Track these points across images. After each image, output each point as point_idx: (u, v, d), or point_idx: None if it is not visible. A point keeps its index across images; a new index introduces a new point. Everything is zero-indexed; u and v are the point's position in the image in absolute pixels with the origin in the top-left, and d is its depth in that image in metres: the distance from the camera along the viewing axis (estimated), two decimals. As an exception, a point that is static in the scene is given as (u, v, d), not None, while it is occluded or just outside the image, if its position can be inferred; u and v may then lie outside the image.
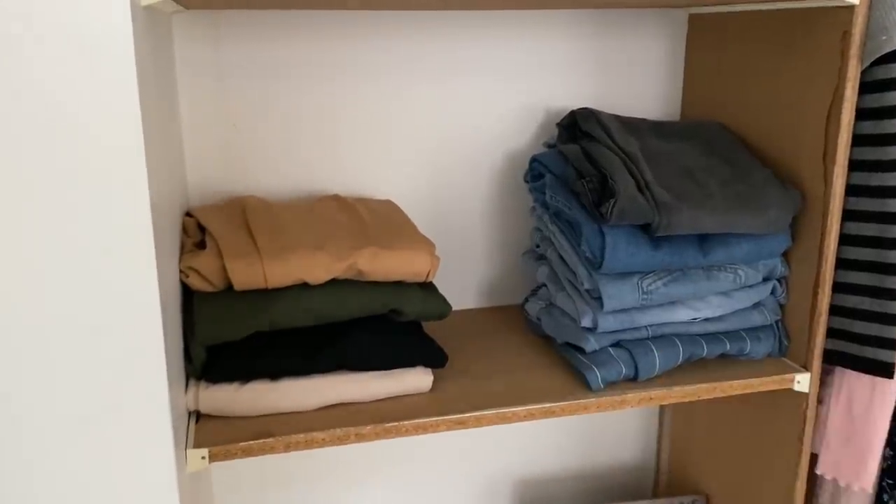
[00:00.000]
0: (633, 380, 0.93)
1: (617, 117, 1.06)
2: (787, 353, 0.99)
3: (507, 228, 1.19)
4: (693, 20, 1.15)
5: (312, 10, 1.02)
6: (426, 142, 1.12)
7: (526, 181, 1.09)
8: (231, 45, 1.01)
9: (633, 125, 1.06)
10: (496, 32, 1.10)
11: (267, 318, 0.81)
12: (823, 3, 0.87)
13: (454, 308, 1.19)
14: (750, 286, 0.97)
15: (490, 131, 1.14)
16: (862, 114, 0.89)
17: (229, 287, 0.83)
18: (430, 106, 1.11)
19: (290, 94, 1.05)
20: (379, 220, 0.97)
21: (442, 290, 1.17)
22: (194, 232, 0.92)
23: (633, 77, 1.17)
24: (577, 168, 0.97)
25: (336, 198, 1.04)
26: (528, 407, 0.87)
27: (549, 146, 1.11)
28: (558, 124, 1.09)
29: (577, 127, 1.05)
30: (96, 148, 0.61)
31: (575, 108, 1.14)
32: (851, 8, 0.85)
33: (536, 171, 1.07)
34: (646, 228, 0.91)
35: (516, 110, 1.15)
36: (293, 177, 1.08)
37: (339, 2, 0.85)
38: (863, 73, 0.87)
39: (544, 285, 1.07)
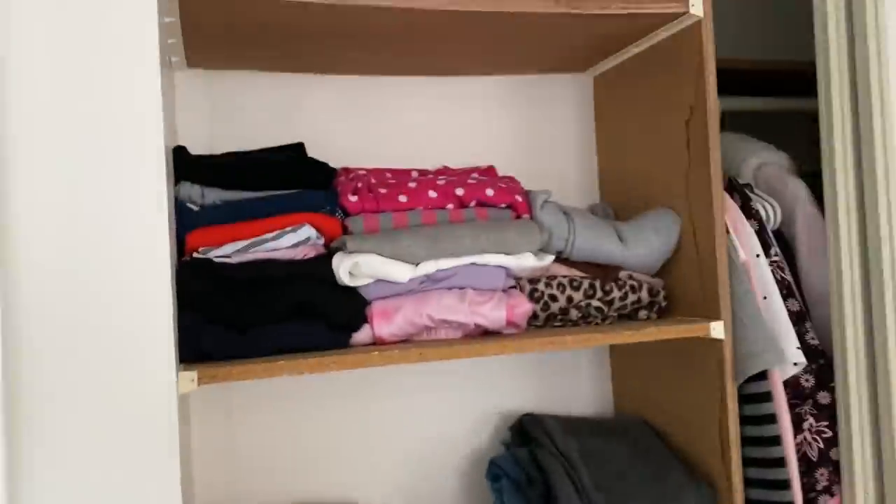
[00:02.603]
0: None
1: (558, 420, 1.27)
2: None
3: (474, 520, 1.35)
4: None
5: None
6: (398, 449, 1.31)
7: (487, 479, 1.27)
8: (242, 412, 1.23)
9: (573, 425, 1.27)
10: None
11: None
12: (700, 335, 1.12)
13: None
14: (683, 571, 1.12)
15: (453, 435, 1.34)
16: (746, 420, 1.11)
17: None
18: (398, 419, 1.31)
19: (283, 426, 1.25)
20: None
21: (419, 584, 1.29)
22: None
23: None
24: (527, 472, 1.16)
25: (323, 509, 1.20)
26: None
27: (506, 445, 1.30)
28: (510, 428, 1.30)
29: (525, 431, 1.26)
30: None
31: (521, 411, 1.36)
32: (721, 341, 1.10)
33: (496, 473, 1.25)
34: (587, 526, 1.08)
35: (475, 415, 1.35)
36: (283, 489, 1.25)
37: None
38: (740, 388, 1.11)
39: (510, 576, 1.21)
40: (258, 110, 1.27)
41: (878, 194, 1.06)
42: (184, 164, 1.07)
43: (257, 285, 1.00)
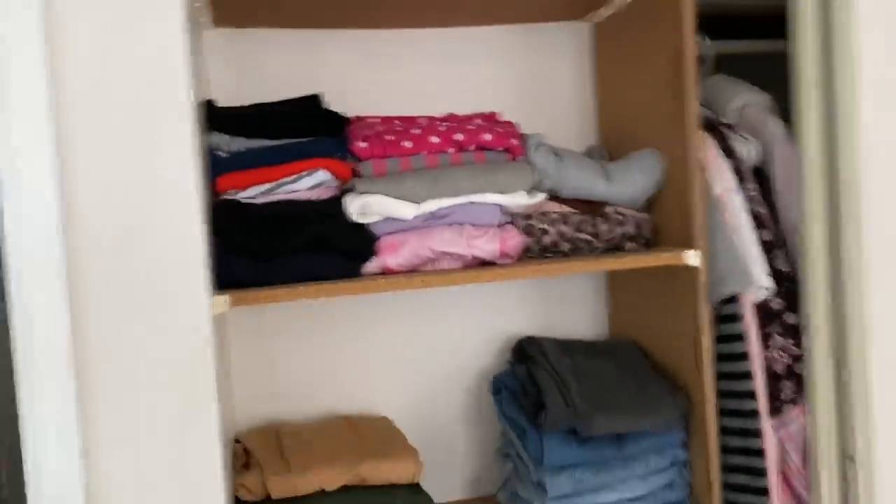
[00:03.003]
0: (575, 551, 1.21)
1: (556, 341, 1.41)
2: (699, 522, 1.27)
3: (482, 432, 1.51)
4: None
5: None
6: (412, 368, 1.47)
7: (490, 392, 1.43)
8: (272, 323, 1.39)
9: (568, 346, 1.41)
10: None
11: (297, 519, 1.12)
12: (679, 262, 1.24)
13: (443, 500, 1.48)
14: (661, 471, 1.27)
15: (462, 355, 1.49)
16: (719, 339, 1.24)
17: (268, 497, 1.14)
18: (413, 342, 1.47)
19: (311, 348, 1.41)
20: (376, 435, 1.30)
21: (430, 485, 1.45)
22: (241, 454, 1.25)
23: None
24: (523, 385, 1.30)
25: (344, 418, 1.38)
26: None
27: (509, 364, 1.45)
28: (512, 349, 1.45)
29: (525, 351, 1.40)
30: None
31: (525, 334, 1.50)
32: (695, 268, 1.22)
33: (497, 387, 1.40)
34: (574, 432, 1.23)
35: (483, 338, 1.50)
36: (315, 400, 1.42)
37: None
38: (713, 310, 1.23)
39: (510, 478, 1.37)
40: (280, 65, 1.40)
41: (845, 132, 1.15)
42: (213, 116, 1.22)
43: (280, 222, 1.15)
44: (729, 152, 1.28)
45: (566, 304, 1.55)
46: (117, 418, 0.98)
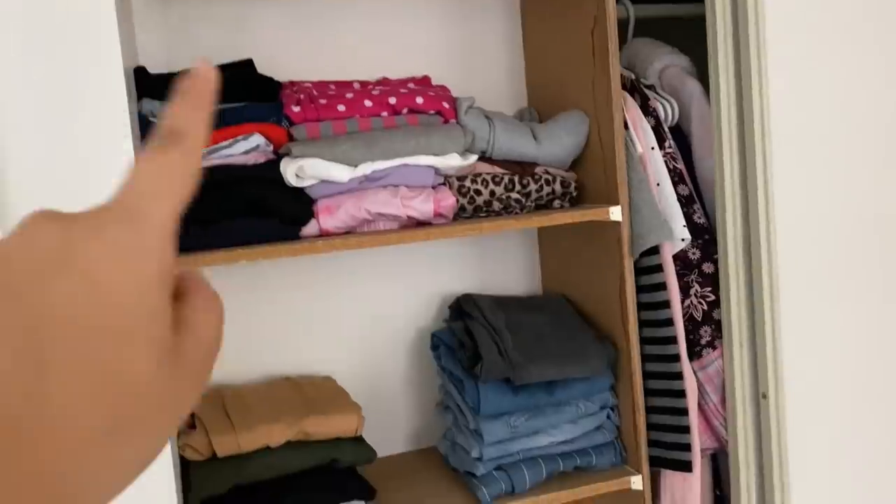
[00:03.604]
0: (512, 493, 1.28)
1: (490, 297, 1.47)
2: (626, 461, 1.36)
3: (422, 388, 1.56)
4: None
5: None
6: (354, 329, 1.51)
7: (430, 349, 1.48)
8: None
9: (502, 302, 1.47)
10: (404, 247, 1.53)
11: (243, 473, 1.16)
12: (603, 218, 1.30)
13: (387, 453, 1.53)
14: (590, 414, 1.35)
15: (402, 314, 1.54)
16: (641, 289, 1.31)
17: (214, 455, 1.18)
18: (354, 302, 1.51)
19: (254, 310, 1.44)
20: (319, 393, 1.34)
21: (374, 440, 1.51)
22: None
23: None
24: (460, 340, 1.36)
25: (287, 379, 1.41)
26: (434, 520, 1.21)
27: (446, 321, 1.50)
28: (449, 307, 1.50)
29: (462, 308, 1.46)
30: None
31: (461, 292, 1.55)
32: (618, 223, 1.28)
33: (436, 343, 1.45)
34: (508, 381, 1.29)
35: (421, 297, 1.55)
36: (258, 363, 1.45)
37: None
38: (635, 262, 1.30)
39: (450, 429, 1.44)
40: (211, 30, 1.40)
41: (752, 90, 1.23)
42: (144, 83, 1.22)
43: (216, 187, 1.17)
44: (648, 112, 1.35)
45: (500, 263, 1.60)
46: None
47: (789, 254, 1.29)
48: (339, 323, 1.50)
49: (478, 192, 1.31)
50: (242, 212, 1.18)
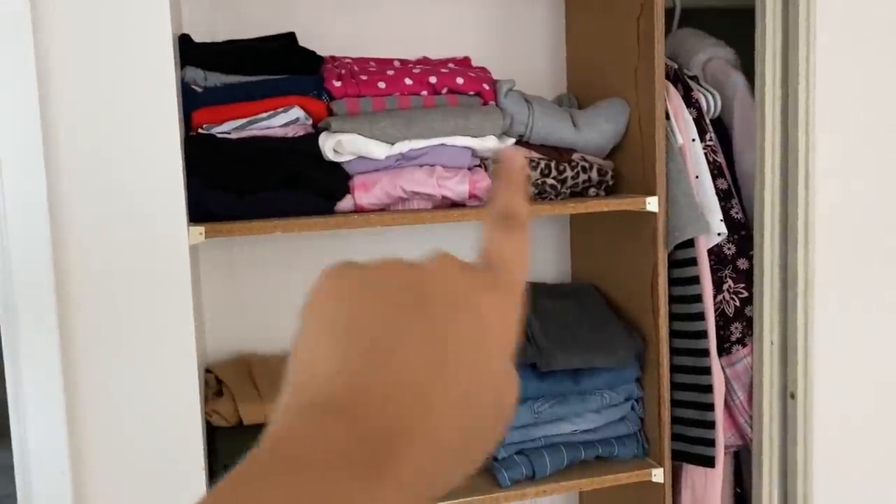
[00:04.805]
0: (532, 478, 1.28)
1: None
2: (648, 454, 1.35)
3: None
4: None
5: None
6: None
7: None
8: (244, 259, 1.42)
9: (533, 289, 1.46)
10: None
11: (267, 443, 1.17)
12: (639, 209, 1.29)
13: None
14: (615, 405, 1.34)
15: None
16: (674, 282, 1.30)
17: (240, 423, 1.19)
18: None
19: (280, 284, 1.45)
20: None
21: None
22: (213, 383, 1.29)
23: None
24: (488, 324, 1.36)
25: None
26: (452, 501, 1.22)
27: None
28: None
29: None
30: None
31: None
32: (654, 214, 1.27)
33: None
34: (534, 366, 1.29)
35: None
36: (285, 334, 1.46)
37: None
38: (669, 255, 1.29)
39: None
40: (254, 3, 1.40)
41: (798, 86, 1.21)
42: (188, 51, 1.22)
43: (255, 158, 1.17)
44: (691, 103, 1.33)
45: (531, 248, 1.59)
46: (97, 346, 1.01)
47: (826, 253, 1.27)
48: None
49: (513, 176, 1.30)
50: (279, 184, 1.18)
